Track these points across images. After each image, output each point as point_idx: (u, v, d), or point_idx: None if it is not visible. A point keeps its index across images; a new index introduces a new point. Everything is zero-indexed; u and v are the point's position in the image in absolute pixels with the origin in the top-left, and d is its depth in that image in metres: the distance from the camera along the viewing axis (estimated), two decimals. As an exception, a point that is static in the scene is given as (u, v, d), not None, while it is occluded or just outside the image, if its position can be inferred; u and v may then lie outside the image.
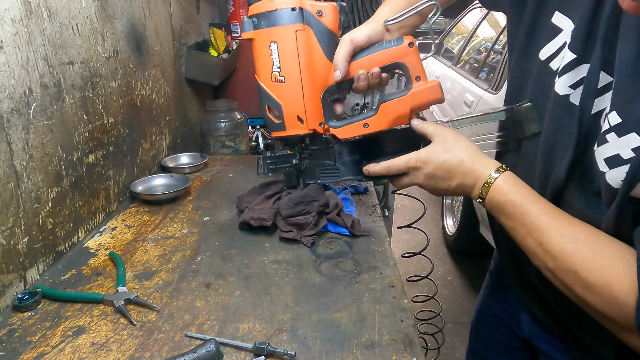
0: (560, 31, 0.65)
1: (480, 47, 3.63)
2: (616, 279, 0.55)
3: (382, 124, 0.86)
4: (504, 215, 0.68)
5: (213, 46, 1.76)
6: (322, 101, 0.89)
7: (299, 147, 0.93)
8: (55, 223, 0.94)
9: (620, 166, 0.53)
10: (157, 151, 1.47)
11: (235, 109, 1.70)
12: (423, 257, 1.43)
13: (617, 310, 0.55)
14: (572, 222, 0.62)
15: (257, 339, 0.71)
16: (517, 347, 0.95)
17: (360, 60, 0.86)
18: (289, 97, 0.87)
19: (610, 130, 0.54)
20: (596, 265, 0.57)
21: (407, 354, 0.68)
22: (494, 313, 1.00)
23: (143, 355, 0.69)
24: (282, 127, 0.90)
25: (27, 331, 0.74)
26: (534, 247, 0.63)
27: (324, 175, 0.94)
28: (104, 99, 1.12)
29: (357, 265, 0.92)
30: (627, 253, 0.55)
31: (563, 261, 0.59)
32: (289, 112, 0.88)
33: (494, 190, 0.68)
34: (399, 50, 0.84)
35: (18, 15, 0.82)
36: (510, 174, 0.69)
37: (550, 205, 0.64)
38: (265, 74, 0.87)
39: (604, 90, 0.58)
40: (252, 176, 1.43)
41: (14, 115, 0.82)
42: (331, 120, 0.90)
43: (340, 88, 0.88)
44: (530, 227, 0.63)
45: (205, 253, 0.98)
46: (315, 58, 0.87)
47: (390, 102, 0.84)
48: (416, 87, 0.84)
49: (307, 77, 0.87)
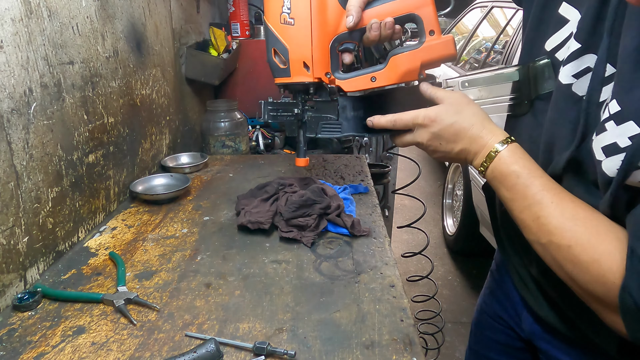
0: (567, 22, 0.65)
1: (481, 47, 3.63)
2: (607, 257, 0.56)
3: (391, 78, 0.83)
4: (504, 187, 0.67)
5: (213, 46, 1.76)
6: (330, 50, 0.85)
7: (302, 97, 0.89)
8: (55, 223, 0.94)
9: (616, 154, 0.54)
10: (157, 151, 1.47)
11: (235, 109, 1.70)
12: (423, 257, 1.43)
13: (603, 289, 0.56)
14: (574, 200, 0.62)
15: (257, 338, 0.71)
16: (517, 347, 0.95)
17: (374, 9, 0.82)
18: (297, 41, 0.83)
19: (609, 119, 0.54)
20: (590, 242, 0.57)
21: (407, 354, 0.68)
22: (494, 313, 1.00)
23: (143, 355, 0.69)
24: (287, 73, 0.85)
25: (27, 331, 0.74)
26: (530, 221, 0.64)
27: (326, 130, 0.90)
28: (104, 98, 1.12)
29: (357, 265, 0.92)
30: (622, 234, 0.56)
31: (559, 236, 0.60)
32: (295, 57, 0.84)
33: (499, 160, 0.68)
34: (415, 0, 0.81)
35: (18, 15, 0.82)
36: (517, 145, 0.69)
37: (553, 182, 0.65)
38: (274, 15, 0.83)
39: (607, 81, 0.59)
40: (252, 176, 1.43)
41: (14, 115, 0.82)
42: (337, 72, 0.86)
43: (350, 37, 0.85)
44: (531, 201, 0.64)
45: (205, 253, 0.98)
46: (328, 2, 0.83)
47: (401, 55, 0.81)
48: (429, 41, 0.81)
49: (317, 21, 0.83)
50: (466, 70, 3.64)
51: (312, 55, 0.84)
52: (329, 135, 0.91)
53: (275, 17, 0.83)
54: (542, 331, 0.84)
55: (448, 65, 4.14)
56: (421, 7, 0.81)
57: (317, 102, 0.89)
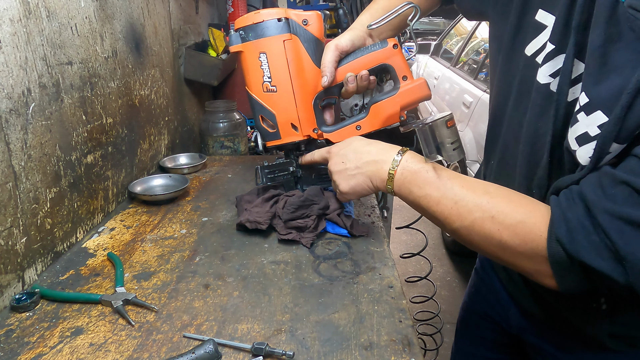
0: (545, 27, 0.67)
1: (479, 48, 3.64)
2: (529, 215, 0.60)
3: (374, 125, 0.88)
4: (416, 185, 0.72)
5: (212, 46, 1.76)
6: (314, 107, 0.90)
7: (295, 154, 0.95)
8: (53, 223, 0.94)
9: (588, 143, 0.56)
10: (156, 151, 1.47)
11: (234, 110, 1.70)
12: (422, 258, 1.43)
13: (532, 245, 0.59)
14: (479, 181, 0.69)
15: (256, 339, 0.71)
16: (505, 342, 0.96)
17: (347, 65, 0.87)
18: (282, 105, 0.89)
19: (580, 110, 0.57)
20: (510, 206, 0.62)
21: (405, 355, 0.68)
22: (480, 310, 1.00)
23: (141, 356, 0.69)
24: (277, 136, 0.92)
25: (25, 332, 0.74)
26: (449, 209, 0.68)
27: (321, 181, 0.96)
28: (103, 99, 1.12)
29: (355, 265, 0.92)
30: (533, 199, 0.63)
31: (480, 212, 0.64)
32: (282, 120, 0.90)
33: (406, 162, 0.74)
34: (384, 52, 0.86)
35: (17, 15, 0.82)
36: (413, 152, 0.76)
37: (454, 172, 0.71)
38: (257, 85, 0.89)
39: (580, 78, 0.61)
40: (250, 177, 1.43)
41: (12, 116, 0.81)
42: (324, 126, 0.92)
43: (329, 93, 0.89)
44: (443, 190, 0.69)
45: (204, 253, 0.98)
46: (305, 65, 0.88)
47: (381, 103, 0.86)
48: (404, 86, 0.86)
49: (298, 84, 0.88)
50: (465, 71, 3.65)
51: (299, 116, 0.90)
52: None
53: (258, 87, 0.89)
54: (530, 325, 0.85)
55: (447, 66, 4.15)
56: (391, 56, 0.86)
57: None
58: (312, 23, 0.88)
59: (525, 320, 0.86)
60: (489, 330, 0.99)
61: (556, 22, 0.64)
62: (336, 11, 1.97)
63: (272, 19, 0.86)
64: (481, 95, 2.98)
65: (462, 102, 3.27)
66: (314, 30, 0.88)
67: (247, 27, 0.87)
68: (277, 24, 0.86)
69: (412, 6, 0.84)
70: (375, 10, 0.92)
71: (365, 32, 0.89)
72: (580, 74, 0.61)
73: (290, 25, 0.87)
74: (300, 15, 0.88)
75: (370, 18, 0.90)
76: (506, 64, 0.77)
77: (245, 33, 0.87)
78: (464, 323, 1.09)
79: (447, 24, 5.03)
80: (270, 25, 0.86)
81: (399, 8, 0.85)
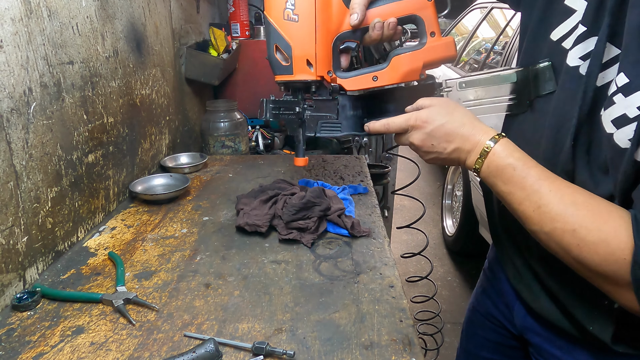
0: (574, 12, 0.66)
1: (480, 47, 3.63)
2: (614, 236, 0.56)
3: (392, 78, 0.83)
4: (501, 180, 0.68)
5: (213, 46, 1.76)
6: (332, 48, 0.85)
7: (303, 95, 0.89)
8: (54, 223, 0.94)
9: (627, 125, 0.55)
10: (157, 151, 1.47)
11: (235, 109, 1.70)
12: (422, 258, 1.43)
13: (613, 268, 0.56)
14: (570, 185, 0.63)
15: (256, 338, 0.71)
16: (509, 345, 0.96)
17: (377, 9, 0.83)
18: (301, 38, 0.82)
19: (617, 92, 0.56)
20: (594, 224, 0.58)
21: (406, 354, 0.68)
22: (486, 311, 1.00)
23: (142, 355, 0.69)
24: (290, 71, 0.84)
25: (26, 331, 0.74)
26: (530, 211, 0.64)
27: (325, 129, 0.89)
28: (104, 98, 1.12)
29: (356, 265, 0.92)
30: (624, 213, 0.57)
31: (562, 222, 0.60)
32: (298, 55, 0.83)
33: (493, 155, 0.69)
34: (417, 2, 0.81)
35: (18, 15, 0.82)
36: (508, 140, 0.70)
37: (546, 170, 0.66)
38: (277, 11, 0.82)
39: (611, 63, 0.60)
40: (251, 176, 1.43)
41: (13, 115, 0.82)
42: (339, 71, 0.86)
43: (351, 36, 0.84)
44: (529, 191, 0.64)
45: (205, 253, 0.98)
46: (332, 0, 0.83)
47: (403, 56, 0.82)
48: (430, 42, 0.82)
49: (321, 19, 0.82)
50: (466, 70, 3.65)
51: (316, 53, 0.83)
52: (328, 134, 0.90)
53: (279, 13, 0.82)
54: (534, 324, 0.84)
55: (447, 65, 4.15)
56: (422, 8, 0.82)
57: (316, 100, 0.89)
58: None
59: (529, 318, 0.86)
60: (493, 332, 0.98)
61: (589, 5, 0.63)
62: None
63: None
64: (482, 95, 2.97)
65: (463, 102, 3.27)
66: None
67: None
68: None
69: None
70: None
71: None
72: (612, 58, 0.60)
73: None
74: None
75: None
76: (530, 49, 0.76)
77: None
78: (470, 323, 1.09)
79: (448, 23, 5.02)
80: None
81: None
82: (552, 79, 0.71)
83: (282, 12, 0.82)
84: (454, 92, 0.82)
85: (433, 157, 0.77)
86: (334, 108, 0.88)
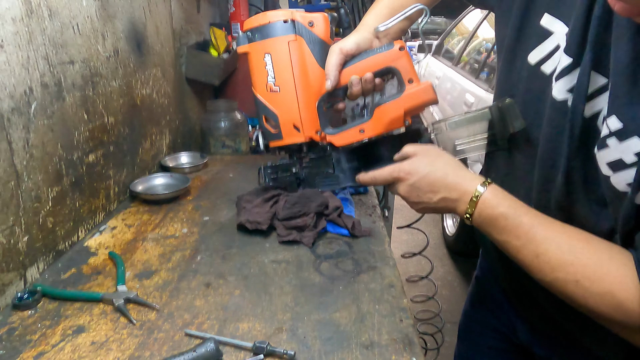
0: (551, 34, 0.64)
1: (481, 47, 3.63)
2: (619, 287, 0.54)
3: (377, 129, 0.86)
4: (495, 230, 0.66)
5: (213, 46, 1.76)
6: (317, 109, 0.89)
7: (298, 155, 0.94)
8: (55, 222, 0.94)
9: (624, 170, 0.53)
10: (157, 151, 1.47)
11: (235, 109, 1.70)
12: (423, 258, 1.43)
13: (623, 317, 0.54)
14: (566, 230, 0.61)
15: (257, 338, 0.71)
16: (510, 350, 0.94)
17: (351, 67, 0.86)
18: (285, 106, 0.89)
19: (610, 135, 0.54)
20: (597, 274, 0.56)
21: (406, 354, 0.68)
22: (483, 320, 0.98)
23: (143, 354, 0.69)
24: (279, 137, 0.91)
25: (27, 330, 0.74)
26: (529, 260, 0.62)
27: (325, 183, 0.95)
28: (105, 98, 1.13)
29: (356, 265, 0.92)
30: (625, 258, 0.55)
31: (563, 272, 0.58)
32: (285, 121, 0.89)
33: (483, 204, 0.67)
34: (390, 54, 0.84)
35: (19, 15, 0.82)
36: (496, 186, 0.68)
37: (541, 215, 0.63)
38: (261, 85, 0.89)
39: (598, 93, 0.58)
40: (252, 176, 1.43)
41: (14, 115, 0.82)
42: (327, 128, 0.90)
43: (333, 96, 0.89)
44: (524, 240, 0.62)
45: (205, 252, 0.98)
46: (309, 67, 0.88)
47: (385, 106, 0.85)
48: (409, 90, 0.84)
49: (301, 85, 0.88)
50: (466, 70, 3.65)
51: (301, 117, 0.89)
52: (329, 188, 0.95)
53: (262, 87, 0.89)
54: (540, 339, 0.83)
55: (448, 65, 4.15)
56: (396, 59, 0.84)
57: (312, 159, 0.94)
58: (318, 25, 0.88)
59: (534, 334, 0.84)
60: (492, 339, 0.96)
61: (571, 33, 0.60)
62: (337, 10, 1.97)
63: (278, 20, 0.87)
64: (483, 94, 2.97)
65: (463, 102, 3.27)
66: (320, 32, 0.89)
67: (254, 28, 0.88)
68: (283, 26, 0.87)
69: (422, 8, 0.83)
70: (380, 10, 0.90)
71: (372, 34, 0.87)
72: (599, 87, 0.57)
73: (296, 26, 0.87)
74: (307, 17, 0.88)
75: (375, 19, 0.88)
76: (507, 67, 0.73)
77: (252, 34, 0.88)
78: (467, 331, 1.06)
79: (449, 23, 5.02)
80: (276, 26, 0.87)
81: (408, 10, 0.83)
82: (518, 117, 0.70)
83: (265, 86, 0.89)
84: (443, 132, 0.83)
85: (422, 207, 0.76)
86: (330, 162, 0.92)
